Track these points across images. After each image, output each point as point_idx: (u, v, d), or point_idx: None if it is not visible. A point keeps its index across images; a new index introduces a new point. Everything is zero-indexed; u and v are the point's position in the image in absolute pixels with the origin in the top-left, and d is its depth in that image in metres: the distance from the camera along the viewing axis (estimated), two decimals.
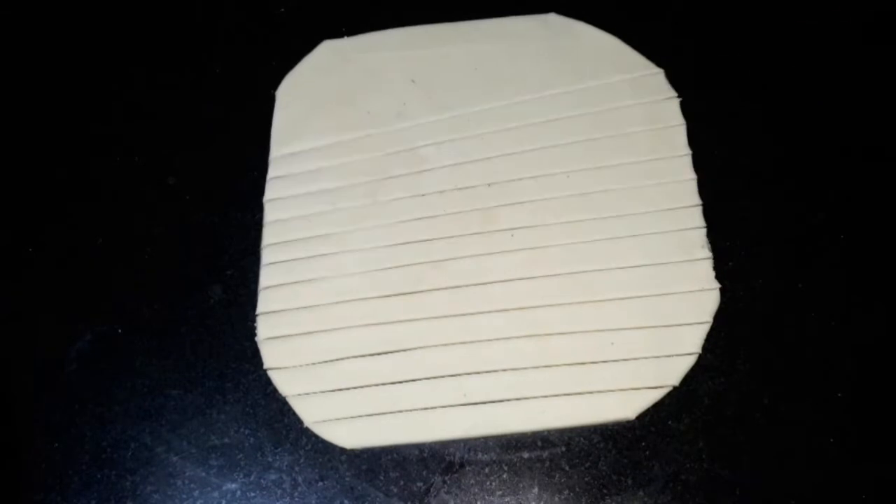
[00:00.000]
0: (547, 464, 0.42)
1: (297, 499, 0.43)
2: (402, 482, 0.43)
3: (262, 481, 0.44)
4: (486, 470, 0.42)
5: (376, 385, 0.45)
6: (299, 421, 0.45)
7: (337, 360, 0.46)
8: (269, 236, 0.50)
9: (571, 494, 0.41)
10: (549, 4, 0.55)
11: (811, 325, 0.43)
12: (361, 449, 0.44)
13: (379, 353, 0.45)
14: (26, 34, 0.63)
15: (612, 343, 0.44)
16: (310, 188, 0.51)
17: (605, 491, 0.41)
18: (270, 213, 0.51)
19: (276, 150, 0.54)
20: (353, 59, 0.56)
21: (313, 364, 0.46)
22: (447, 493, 0.42)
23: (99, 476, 0.45)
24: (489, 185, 0.49)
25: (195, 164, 0.55)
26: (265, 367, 0.46)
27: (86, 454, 0.46)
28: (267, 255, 0.50)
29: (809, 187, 0.47)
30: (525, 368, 0.44)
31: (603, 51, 0.53)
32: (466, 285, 0.46)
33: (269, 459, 0.44)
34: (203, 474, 0.44)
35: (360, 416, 0.44)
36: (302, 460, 0.44)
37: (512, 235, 0.47)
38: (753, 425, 0.41)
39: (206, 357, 0.48)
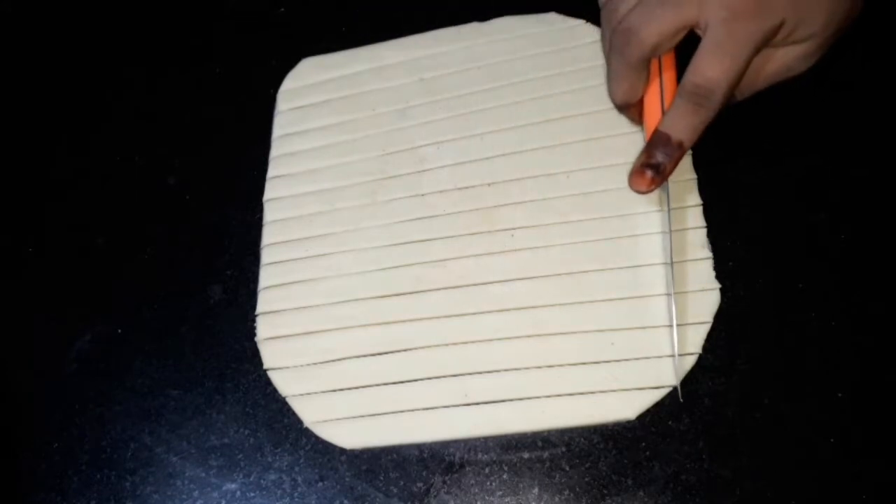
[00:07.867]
0: (547, 464, 0.42)
1: (296, 499, 0.43)
2: (402, 482, 0.43)
3: (262, 481, 0.44)
4: (487, 470, 0.42)
5: (376, 385, 0.45)
6: (299, 421, 0.45)
7: (337, 360, 0.46)
8: (268, 236, 0.50)
9: (571, 494, 0.41)
10: (549, 4, 0.55)
11: (811, 325, 0.43)
12: (361, 449, 0.44)
13: (379, 353, 0.45)
14: (27, 35, 0.63)
15: (612, 343, 0.43)
16: (309, 188, 0.51)
17: (605, 491, 0.41)
18: (270, 213, 0.51)
19: (276, 149, 0.54)
20: (352, 58, 0.56)
21: (313, 364, 0.46)
22: (447, 493, 0.42)
23: (99, 476, 0.45)
24: (489, 185, 0.49)
25: (195, 164, 0.55)
26: (265, 367, 0.46)
27: (86, 454, 0.46)
28: (266, 255, 0.50)
29: (809, 187, 0.47)
30: (525, 368, 0.44)
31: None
32: (466, 285, 0.46)
33: (269, 459, 0.44)
34: (203, 474, 0.44)
35: (360, 416, 0.44)
36: (302, 460, 0.44)
37: (512, 235, 0.47)
38: (753, 425, 0.41)
39: (206, 357, 0.48)
